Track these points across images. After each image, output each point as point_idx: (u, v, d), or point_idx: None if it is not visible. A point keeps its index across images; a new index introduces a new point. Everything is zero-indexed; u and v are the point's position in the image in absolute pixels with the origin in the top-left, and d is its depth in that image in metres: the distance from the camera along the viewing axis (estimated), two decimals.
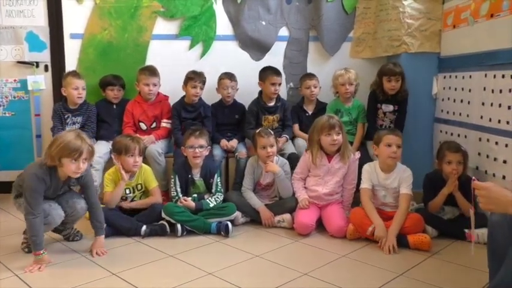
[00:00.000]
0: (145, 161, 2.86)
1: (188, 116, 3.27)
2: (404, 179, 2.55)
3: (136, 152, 2.67)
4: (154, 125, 3.35)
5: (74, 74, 3.29)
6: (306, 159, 2.78)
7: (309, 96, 3.34)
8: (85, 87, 3.28)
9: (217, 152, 3.11)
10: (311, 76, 3.37)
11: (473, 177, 1.56)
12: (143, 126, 3.33)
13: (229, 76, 3.31)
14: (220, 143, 3.21)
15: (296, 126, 3.37)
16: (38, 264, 2.12)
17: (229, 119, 3.38)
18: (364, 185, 2.60)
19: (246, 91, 3.42)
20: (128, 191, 2.73)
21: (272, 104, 3.33)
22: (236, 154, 3.12)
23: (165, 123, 3.34)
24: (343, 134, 2.71)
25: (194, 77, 3.21)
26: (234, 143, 3.22)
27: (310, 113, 3.38)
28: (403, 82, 3.11)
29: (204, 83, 3.25)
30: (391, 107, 3.18)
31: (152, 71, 3.29)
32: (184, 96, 3.29)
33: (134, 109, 3.32)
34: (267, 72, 3.29)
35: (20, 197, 2.26)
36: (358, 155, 2.78)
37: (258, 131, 2.87)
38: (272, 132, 2.88)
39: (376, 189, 2.61)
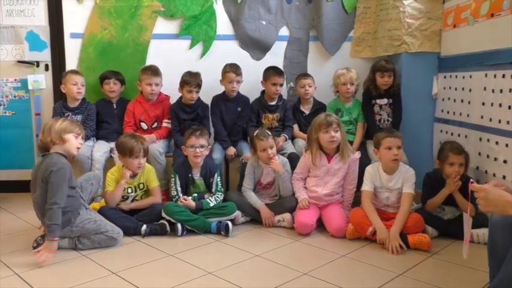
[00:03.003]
0: (146, 160, 2.86)
1: (186, 117, 3.27)
2: (407, 178, 2.54)
3: (141, 154, 2.68)
4: (155, 124, 3.35)
5: (73, 71, 3.32)
6: (305, 159, 2.77)
7: (304, 96, 3.35)
8: (84, 84, 3.29)
9: (217, 156, 3.10)
10: (306, 75, 3.39)
11: (471, 180, 1.56)
12: (144, 126, 3.33)
13: (234, 70, 3.26)
14: (226, 150, 3.19)
15: (296, 127, 3.38)
16: (50, 250, 2.17)
17: (232, 112, 3.35)
18: (366, 187, 2.58)
19: (246, 91, 3.43)
20: (130, 190, 2.73)
21: (273, 103, 3.34)
22: (241, 158, 3.11)
23: (166, 123, 3.33)
24: (342, 132, 2.70)
25: (189, 82, 3.17)
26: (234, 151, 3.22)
27: (307, 113, 3.38)
28: (395, 77, 3.21)
29: (200, 86, 3.22)
30: (385, 100, 3.25)
31: (155, 71, 3.29)
32: (181, 97, 3.29)
33: (135, 109, 3.32)
34: (269, 72, 3.29)
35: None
36: (358, 154, 2.78)
37: (255, 133, 2.84)
38: (270, 133, 2.85)
39: (378, 191, 2.59)
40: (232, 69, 3.27)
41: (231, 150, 3.20)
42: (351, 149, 2.80)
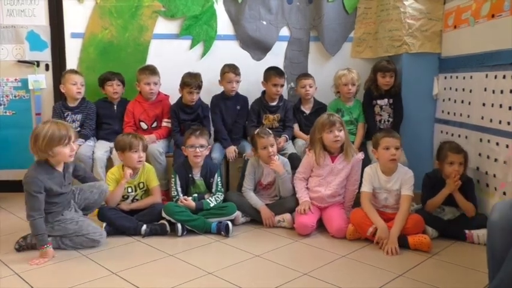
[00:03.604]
0: (146, 160, 2.86)
1: (187, 117, 3.26)
2: (406, 180, 2.53)
3: (141, 148, 2.68)
4: (155, 124, 3.35)
5: (72, 70, 3.32)
6: (309, 159, 2.75)
7: (304, 96, 3.35)
8: (83, 84, 3.29)
9: (216, 155, 3.09)
10: (307, 76, 3.39)
11: None
12: (144, 125, 3.32)
13: (233, 70, 3.27)
14: (227, 149, 3.19)
15: (296, 127, 3.38)
16: (44, 257, 2.19)
17: (232, 111, 3.35)
18: (365, 188, 2.58)
19: (247, 91, 3.43)
20: (130, 190, 2.73)
21: (274, 103, 3.33)
22: (244, 155, 3.11)
23: (166, 123, 3.33)
24: (345, 132, 2.69)
25: (190, 83, 3.16)
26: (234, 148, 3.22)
27: (307, 112, 3.39)
28: (396, 78, 3.22)
29: (200, 87, 3.22)
30: (386, 101, 3.26)
31: (152, 70, 3.28)
32: (182, 97, 3.28)
33: (135, 109, 3.31)
34: (270, 73, 3.29)
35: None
36: (362, 155, 2.76)
37: (256, 132, 2.85)
38: (270, 132, 2.87)
39: (377, 192, 2.59)
40: (231, 70, 3.27)
41: (231, 149, 3.19)
42: (355, 149, 2.80)
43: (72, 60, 3.50)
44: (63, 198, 2.34)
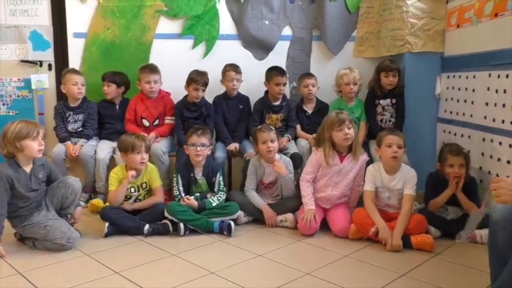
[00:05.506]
0: (149, 159, 2.86)
1: (190, 115, 3.27)
2: (408, 180, 2.52)
3: (143, 149, 2.68)
4: (157, 122, 3.35)
5: (72, 70, 3.31)
6: (317, 157, 2.68)
7: (307, 95, 3.35)
8: (84, 83, 3.29)
9: (219, 154, 3.10)
10: (309, 75, 3.38)
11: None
12: (146, 122, 3.32)
13: (234, 68, 3.30)
14: (227, 146, 3.20)
15: (298, 127, 3.37)
16: None
17: (234, 110, 3.36)
18: (367, 187, 2.57)
19: (249, 90, 3.43)
20: (133, 190, 2.73)
21: (277, 103, 3.33)
22: (245, 155, 3.11)
23: (168, 120, 3.34)
24: (354, 129, 2.67)
25: (197, 80, 3.17)
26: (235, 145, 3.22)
27: (309, 112, 3.39)
28: (400, 77, 3.21)
29: (206, 84, 3.23)
30: (388, 101, 3.27)
31: (152, 69, 3.29)
32: (186, 96, 3.29)
33: (137, 105, 3.32)
34: (272, 73, 3.29)
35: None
36: (367, 156, 2.74)
37: (259, 127, 2.86)
38: (273, 128, 2.86)
39: (379, 191, 2.58)
40: (232, 68, 3.29)
41: (232, 146, 3.20)
42: (362, 149, 2.79)
43: (74, 60, 3.50)
44: (29, 203, 2.33)
